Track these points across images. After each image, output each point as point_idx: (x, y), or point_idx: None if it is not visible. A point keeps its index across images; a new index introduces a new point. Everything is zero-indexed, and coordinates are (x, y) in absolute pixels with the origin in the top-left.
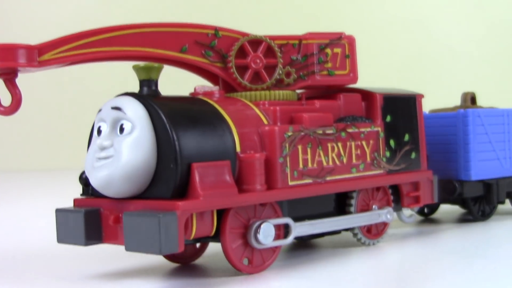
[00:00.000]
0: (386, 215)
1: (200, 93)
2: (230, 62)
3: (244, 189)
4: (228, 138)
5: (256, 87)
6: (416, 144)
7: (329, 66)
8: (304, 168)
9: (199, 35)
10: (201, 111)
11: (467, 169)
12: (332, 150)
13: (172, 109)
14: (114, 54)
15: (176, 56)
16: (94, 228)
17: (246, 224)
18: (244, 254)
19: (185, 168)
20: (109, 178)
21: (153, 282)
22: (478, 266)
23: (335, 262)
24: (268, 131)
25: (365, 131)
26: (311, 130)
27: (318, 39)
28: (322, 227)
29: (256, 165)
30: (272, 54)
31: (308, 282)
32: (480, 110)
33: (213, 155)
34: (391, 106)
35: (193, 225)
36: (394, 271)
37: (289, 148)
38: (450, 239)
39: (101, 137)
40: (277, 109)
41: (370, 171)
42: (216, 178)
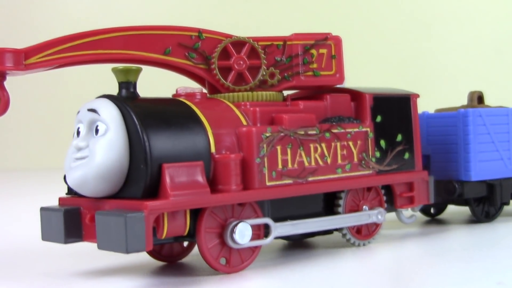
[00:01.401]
0: (377, 215)
1: (182, 94)
2: (213, 64)
3: (219, 189)
4: (202, 139)
5: (239, 88)
6: (410, 144)
7: (315, 67)
8: (284, 168)
9: (183, 37)
10: (176, 113)
11: (467, 170)
12: (315, 150)
13: (145, 111)
14: (98, 57)
15: (160, 58)
16: (73, 227)
17: (223, 224)
18: (221, 253)
19: (156, 169)
20: (83, 178)
21: (136, 280)
22: (467, 268)
23: (320, 263)
24: (245, 132)
25: (352, 131)
26: (292, 130)
27: (303, 40)
28: (304, 227)
29: (231, 166)
30: (255, 55)
31: (283, 282)
32: (481, 109)
33: (186, 156)
34: (382, 106)
35: (164, 224)
36: (380, 272)
37: (267, 148)
38: (446, 241)
39: (77, 138)
40: (256, 110)
41: (358, 172)
42: (188, 178)
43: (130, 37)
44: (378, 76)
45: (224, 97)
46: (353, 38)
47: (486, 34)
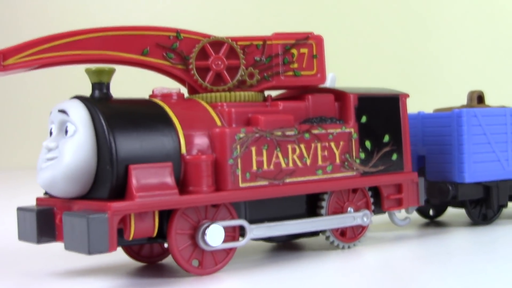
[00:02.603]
0: (362, 218)
1: (158, 95)
2: (191, 64)
3: (190, 190)
4: (171, 140)
5: (218, 89)
6: (399, 145)
7: (295, 67)
8: (259, 170)
9: (161, 38)
10: (146, 114)
11: (461, 171)
12: (293, 151)
13: (114, 112)
14: (77, 57)
15: (138, 59)
16: (46, 227)
17: (195, 225)
18: (193, 255)
19: (122, 170)
20: (52, 179)
21: (113, 280)
22: (456, 272)
23: (300, 265)
24: (218, 132)
25: (334, 132)
26: (267, 131)
27: (284, 40)
28: (282, 229)
29: (202, 167)
30: (234, 56)
31: (253, 285)
32: (476, 109)
33: (154, 157)
34: (368, 107)
35: (131, 226)
36: (362, 275)
37: (240, 149)
38: (439, 243)
39: (48, 139)
40: (232, 111)
41: (340, 173)
42: (155, 179)
43: (108, 38)
44: (378, 76)
45: (202, 97)
46: (352, 38)
47: (489, 33)
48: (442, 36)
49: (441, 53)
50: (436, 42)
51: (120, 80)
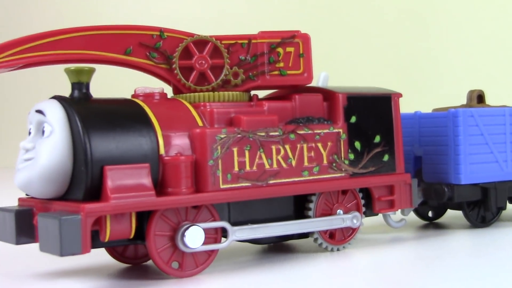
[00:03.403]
0: (351, 220)
1: (140, 94)
2: (174, 63)
3: (169, 192)
4: (149, 140)
5: (201, 88)
6: (390, 145)
7: (281, 66)
8: (241, 171)
9: (144, 37)
10: (124, 114)
11: (457, 172)
12: (277, 152)
13: (91, 112)
14: (60, 57)
15: (121, 58)
16: (26, 228)
17: (175, 227)
18: (173, 257)
19: (98, 171)
20: (28, 179)
21: (95, 281)
22: (448, 276)
23: (286, 267)
24: (198, 133)
25: (322, 132)
26: (250, 132)
27: (269, 38)
28: (266, 231)
29: (180, 168)
30: (218, 55)
31: None
32: (473, 109)
33: (131, 158)
34: (357, 106)
35: (107, 227)
36: (348, 277)
37: (221, 150)
38: (434, 246)
39: (26, 140)
40: (214, 111)
41: (328, 174)
42: (132, 181)
43: (90, 37)
44: (378, 76)
45: (186, 97)
46: (352, 38)
47: (493, 31)
48: (444, 34)
49: (443, 51)
50: (438, 40)
51: (108, 79)
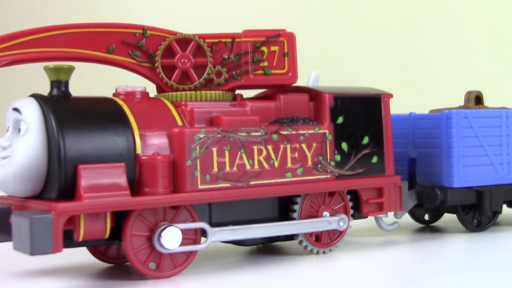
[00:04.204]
0: (338, 222)
1: (121, 93)
2: (157, 62)
3: (145, 192)
4: (125, 140)
5: (183, 87)
6: (379, 147)
7: (265, 65)
8: (220, 171)
9: (127, 35)
10: (101, 113)
11: (450, 175)
12: (259, 153)
13: (67, 110)
14: (41, 55)
15: (103, 56)
16: (3, 226)
17: (153, 227)
18: (150, 258)
19: (71, 170)
20: (4, 178)
21: (75, 280)
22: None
23: (268, 269)
24: (176, 133)
25: (306, 133)
26: (231, 132)
27: (253, 37)
28: (247, 233)
29: (157, 168)
30: (202, 53)
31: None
32: (468, 111)
33: (107, 157)
34: (345, 107)
35: (80, 227)
36: (330, 280)
37: (200, 150)
38: (424, 250)
39: (2, 138)
40: (194, 110)
41: (312, 176)
42: (106, 180)
43: (73, 35)
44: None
45: (168, 96)
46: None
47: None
48: (445, 34)
49: (445, 51)
50: (438, 40)
51: (94, 77)
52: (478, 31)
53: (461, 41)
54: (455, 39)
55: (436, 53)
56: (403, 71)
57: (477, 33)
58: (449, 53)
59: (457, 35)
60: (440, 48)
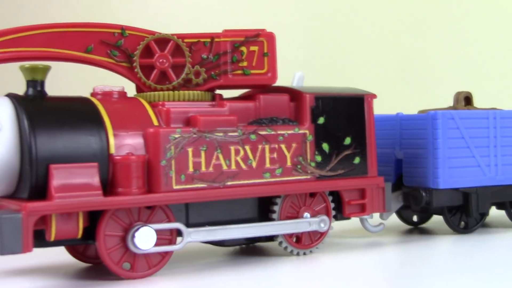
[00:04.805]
0: (319, 224)
1: (99, 93)
2: (135, 62)
3: (119, 192)
4: (99, 139)
5: (161, 87)
6: (362, 148)
7: (245, 65)
8: (196, 172)
9: (105, 35)
10: (75, 113)
11: (436, 176)
12: (236, 153)
13: (40, 110)
14: (20, 54)
15: (81, 56)
16: None
17: (127, 227)
18: (124, 258)
19: (43, 170)
20: None
21: (52, 280)
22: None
23: (241, 270)
24: (151, 133)
25: (286, 133)
26: (207, 132)
27: (233, 37)
28: (224, 233)
29: (131, 168)
30: (180, 53)
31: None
32: (454, 111)
33: (80, 157)
34: (326, 107)
35: (52, 227)
36: (308, 282)
37: (175, 150)
38: (404, 252)
39: None
40: (170, 110)
41: (292, 177)
42: (78, 180)
43: (51, 35)
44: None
45: (146, 96)
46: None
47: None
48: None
49: (439, 51)
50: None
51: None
52: (476, 31)
53: (458, 41)
54: (452, 38)
55: (432, 53)
56: (397, 71)
57: (475, 33)
58: (445, 53)
59: (453, 35)
60: (437, 48)
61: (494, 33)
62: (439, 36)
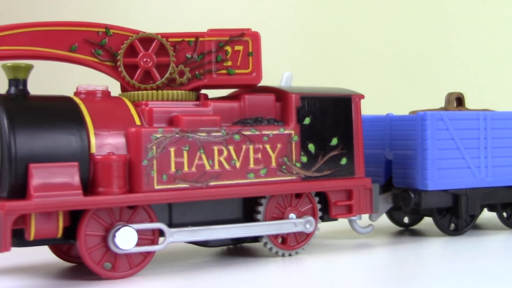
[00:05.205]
0: (304, 224)
1: (82, 92)
2: (119, 61)
3: (100, 191)
4: (80, 139)
5: (145, 87)
6: (349, 149)
7: (229, 65)
8: (178, 172)
9: (89, 34)
10: (56, 112)
11: (424, 178)
12: (219, 153)
13: (20, 109)
14: (4, 53)
15: (65, 55)
16: None
17: (108, 227)
18: (105, 258)
19: (22, 169)
20: None
21: (35, 279)
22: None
23: (225, 271)
24: (132, 132)
25: (270, 134)
26: (189, 132)
27: (217, 36)
28: (208, 234)
29: (112, 167)
30: (165, 53)
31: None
32: (444, 113)
33: (60, 156)
34: (312, 107)
35: (31, 226)
36: (287, 283)
37: (156, 150)
38: (392, 253)
39: None
40: (152, 110)
41: (276, 177)
42: (58, 179)
43: (35, 33)
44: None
45: (130, 96)
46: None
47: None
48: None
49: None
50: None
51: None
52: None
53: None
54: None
55: (426, 53)
56: (390, 71)
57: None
58: (439, 53)
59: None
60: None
61: (490, 34)
62: (438, 36)
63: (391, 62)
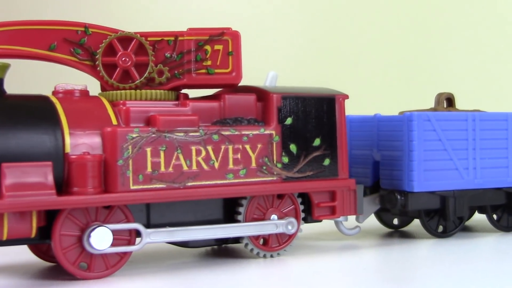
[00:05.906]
0: (286, 226)
1: (60, 91)
2: (98, 60)
3: (74, 191)
4: (54, 138)
5: (124, 86)
6: (332, 149)
7: (209, 64)
8: (154, 172)
9: (68, 33)
10: (30, 111)
11: (411, 179)
12: (197, 153)
13: None
14: None
15: (44, 54)
16: None
17: (84, 227)
18: (81, 258)
19: None
20: None
21: (12, 279)
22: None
23: (201, 271)
24: (108, 132)
25: (250, 134)
26: (166, 132)
27: (197, 35)
28: (186, 235)
29: (87, 167)
30: (143, 52)
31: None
32: (431, 113)
33: (33, 155)
34: (294, 108)
35: (4, 226)
36: (269, 285)
37: (132, 150)
38: (377, 255)
39: None
40: (129, 109)
41: (257, 178)
42: (31, 179)
43: (14, 32)
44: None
45: (108, 95)
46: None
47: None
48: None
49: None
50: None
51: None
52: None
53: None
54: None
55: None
56: (383, 71)
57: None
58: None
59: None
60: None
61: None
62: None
63: (383, 62)
